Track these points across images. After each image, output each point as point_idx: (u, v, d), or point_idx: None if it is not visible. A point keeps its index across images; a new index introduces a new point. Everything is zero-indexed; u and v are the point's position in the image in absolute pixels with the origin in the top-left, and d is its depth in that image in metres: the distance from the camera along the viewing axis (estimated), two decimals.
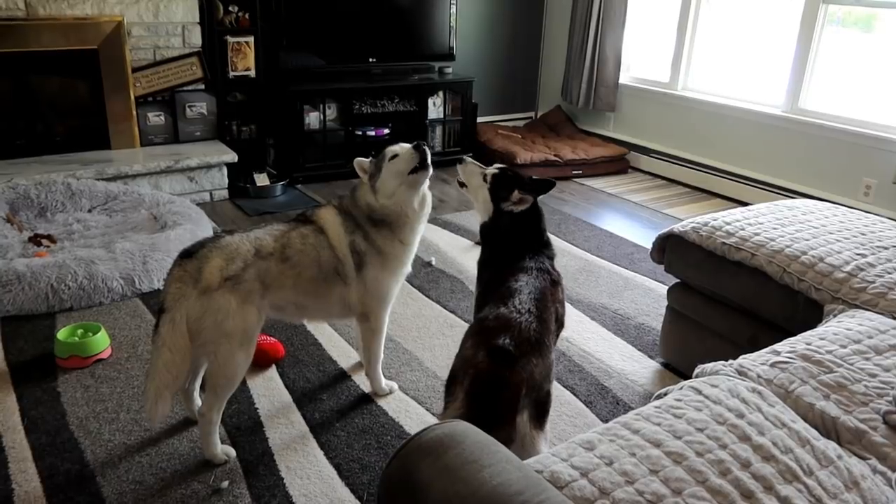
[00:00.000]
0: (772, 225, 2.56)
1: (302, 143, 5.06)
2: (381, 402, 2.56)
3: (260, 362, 2.73)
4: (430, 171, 2.36)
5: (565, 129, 6.13)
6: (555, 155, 5.43)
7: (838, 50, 4.58)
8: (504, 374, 1.70)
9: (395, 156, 2.35)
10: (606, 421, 2.48)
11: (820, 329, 1.94)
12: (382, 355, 2.58)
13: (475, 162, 2.34)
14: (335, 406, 2.54)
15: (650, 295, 3.50)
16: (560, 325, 2.02)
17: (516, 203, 2.18)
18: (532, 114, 6.60)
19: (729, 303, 2.52)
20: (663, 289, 3.51)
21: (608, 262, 3.89)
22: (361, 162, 2.44)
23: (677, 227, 2.66)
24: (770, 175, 4.82)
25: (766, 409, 1.51)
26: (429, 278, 3.61)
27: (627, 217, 4.71)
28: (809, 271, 2.26)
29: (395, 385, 2.64)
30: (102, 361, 2.74)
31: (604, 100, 5.85)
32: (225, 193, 4.72)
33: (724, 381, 1.63)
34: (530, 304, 1.87)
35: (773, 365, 1.73)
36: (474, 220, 4.55)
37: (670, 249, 2.70)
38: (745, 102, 4.99)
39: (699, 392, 1.58)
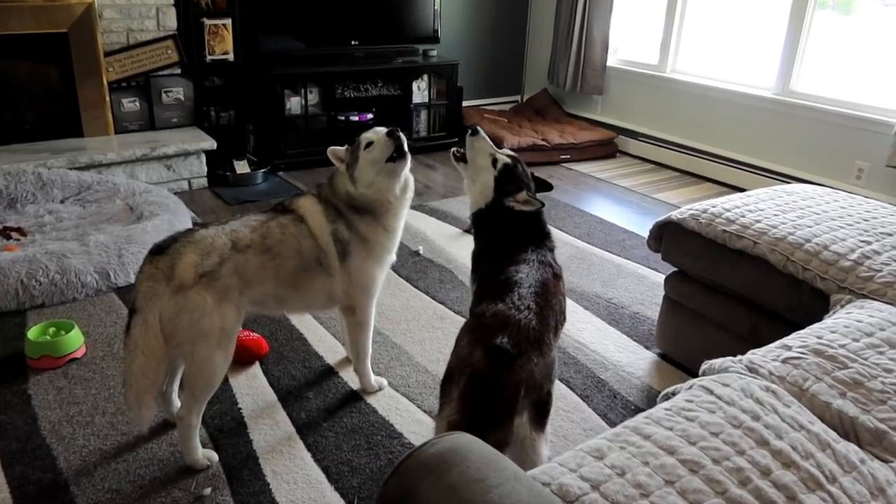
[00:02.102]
0: (773, 212, 2.48)
1: (283, 129, 4.91)
2: (371, 400, 2.46)
3: (243, 359, 2.62)
4: (408, 159, 2.25)
5: (552, 113, 6.02)
6: (542, 139, 5.32)
7: (829, 32, 4.50)
8: (502, 374, 1.60)
9: (370, 143, 2.24)
10: (605, 416, 2.41)
11: (829, 321, 1.86)
12: (371, 350, 2.48)
13: (487, 137, 2.19)
14: (322, 405, 2.43)
15: (644, 283, 3.42)
16: (562, 319, 1.92)
17: (521, 204, 2.07)
18: (518, 97, 6.48)
19: (729, 292, 2.43)
20: (657, 276, 3.44)
21: (600, 250, 3.80)
22: (336, 151, 2.33)
23: (675, 215, 2.57)
24: (761, 159, 4.75)
25: (782, 409, 1.43)
26: (417, 268, 3.50)
27: (617, 202, 4.62)
28: (814, 259, 2.18)
29: (384, 381, 2.54)
30: (76, 361, 2.61)
31: (591, 83, 5.74)
32: (204, 182, 4.57)
33: (735, 379, 1.54)
34: (530, 300, 1.76)
35: (784, 361, 1.64)
36: (461, 206, 4.46)
37: (668, 237, 2.61)
38: (735, 85, 4.91)
39: (710, 392, 1.49)
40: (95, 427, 2.27)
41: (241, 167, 4.70)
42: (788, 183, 4.51)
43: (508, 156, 2.16)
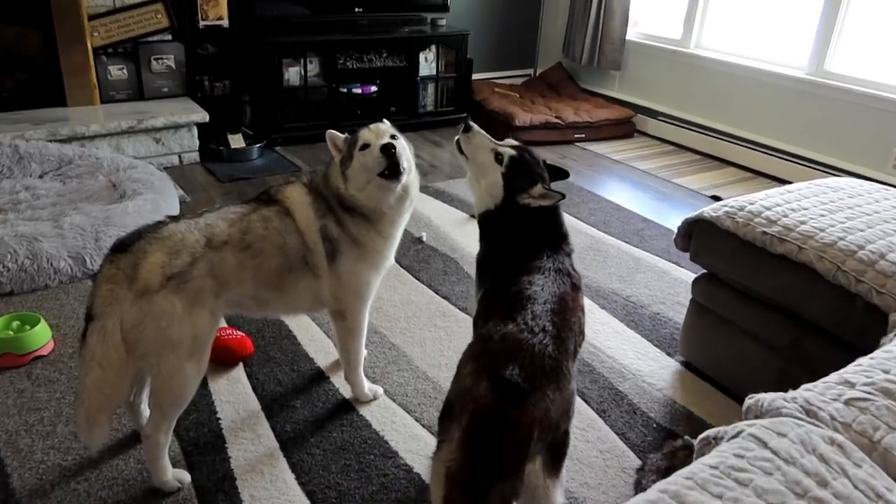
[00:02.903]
0: (818, 211, 2.20)
1: (281, 101, 4.61)
2: (364, 411, 2.22)
3: (225, 360, 2.38)
4: (404, 179, 1.96)
5: (566, 89, 5.70)
6: (556, 117, 5.02)
7: (870, 8, 4.15)
8: (511, 414, 1.35)
9: (366, 146, 1.96)
10: (623, 435, 2.18)
11: (894, 349, 1.60)
12: (364, 354, 2.23)
13: (483, 132, 1.93)
14: (310, 415, 2.19)
15: (664, 279, 3.16)
16: (580, 339, 1.66)
17: (538, 199, 1.80)
18: (531, 71, 6.15)
19: (767, 301, 2.17)
20: (678, 272, 3.18)
21: (617, 240, 3.53)
22: (335, 137, 2.05)
23: (708, 211, 2.29)
24: (789, 143, 4.44)
25: (853, 471, 1.18)
26: (419, 257, 3.25)
27: (635, 187, 4.34)
28: (869, 270, 1.91)
29: (379, 390, 2.30)
30: (42, 359, 2.38)
31: (609, 57, 5.41)
32: (195, 156, 4.30)
33: (791, 426, 1.29)
34: (546, 319, 1.51)
35: (848, 402, 1.39)
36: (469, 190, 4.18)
37: (698, 236, 2.34)
38: (764, 63, 4.57)
39: (764, 444, 1.23)
40: (57, 438, 2.04)
41: (236, 141, 4.43)
42: (818, 170, 4.23)
43: (513, 147, 1.88)
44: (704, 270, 2.42)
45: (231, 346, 2.38)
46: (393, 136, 1.98)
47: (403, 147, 1.98)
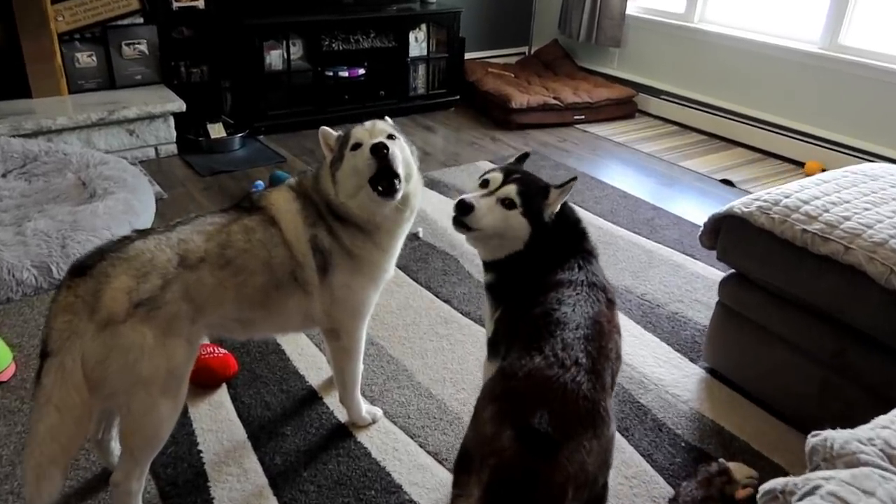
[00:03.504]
0: (861, 204, 1.99)
1: (263, 87, 4.33)
2: (362, 437, 2.01)
3: (206, 382, 2.15)
4: (399, 194, 1.69)
5: (563, 68, 5.44)
6: (554, 98, 4.77)
7: None
8: (541, 471, 1.13)
9: (357, 145, 1.72)
10: (650, 456, 1.98)
11: None
12: (360, 375, 2.01)
13: (473, 195, 1.59)
14: (302, 444, 1.97)
15: (679, 273, 2.94)
16: (618, 367, 1.45)
17: (555, 202, 1.60)
18: (525, 49, 5.88)
19: (807, 306, 1.96)
20: (694, 265, 2.97)
21: (626, 231, 3.31)
22: (327, 135, 1.81)
23: (739, 206, 2.07)
24: (801, 122, 4.21)
25: None
26: (416, 255, 3.02)
27: (640, 171, 4.11)
28: None
29: (378, 412, 2.08)
30: (2, 386, 2.14)
31: (608, 33, 5.15)
32: (173, 148, 4.02)
33: (878, 481, 1.08)
34: (580, 349, 1.29)
35: None
36: (466, 176, 3.96)
37: (727, 233, 2.12)
38: (773, 37, 4.33)
39: None
40: (17, 481, 1.81)
41: (216, 131, 4.16)
42: (832, 150, 4.01)
43: (503, 177, 1.60)
44: (732, 270, 2.20)
45: (212, 366, 2.15)
46: (391, 136, 1.73)
47: (402, 148, 1.73)
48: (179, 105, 3.92)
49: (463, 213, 1.55)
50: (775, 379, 2.11)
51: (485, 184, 1.63)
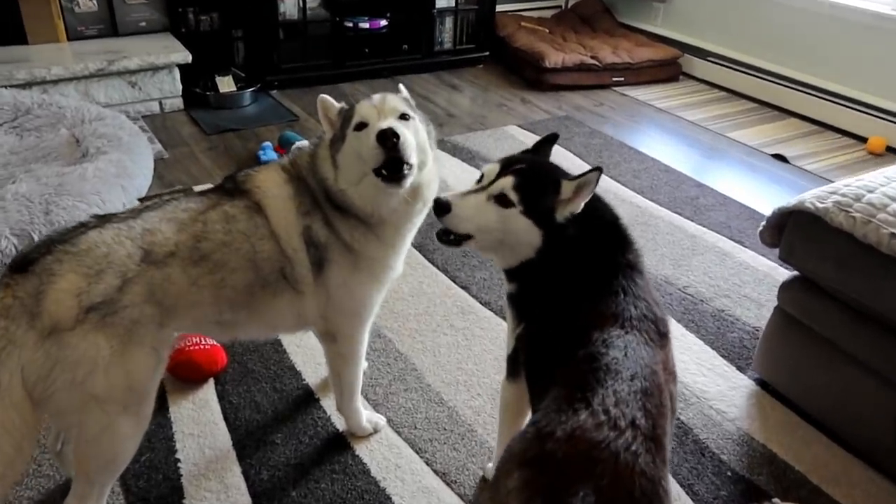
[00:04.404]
0: None
1: (277, 38, 4.01)
2: (361, 449, 1.77)
3: (191, 377, 1.93)
4: (408, 182, 1.41)
5: (602, 23, 5.03)
6: (591, 57, 4.38)
7: None
8: None
9: (362, 125, 1.42)
10: (690, 487, 1.72)
11: None
12: (364, 368, 1.76)
13: (459, 192, 1.33)
14: (293, 456, 1.74)
15: (726, 263, 2.63)
16: (673, 416, 1.18)
17: (576, 198, 1.28)
18: (562, 1, 5.44)
19: (889, 323, 1.65)
20: (742, 253, 2.67)
21: (667, 210, 2.99)
22: (328, 104, 1.53)
23: (811, 201, 1.75)
24: (865, 92, 3.79)
25: None
26: (432, 231, 2.72)
27: (683, 141, 3.75)
28: None
29: (381, 421, 1.83)
30: None
31: None
32: (179, 102, 3.75)
33: None
34: (636, 406, 1.01)
35: None
36: (492, 142, 3.64)
37: (795, 230, 1.81)
38: None
39: None
40: None
41: (225, 84, 3.86)
42: None
43: (500, 171, 1.32)
44: (796, 272, 1.90)
45: (197, 359, 1.92)
46: (404, 117, 1.44)
47: (416, 130, 1.44)
48: (185, 56, 3.63)
49: (439, 213, 1.28)
50: (841, 402, 1.82)
51: (481, 179, 1.34)
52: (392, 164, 1.36)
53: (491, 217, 1.28)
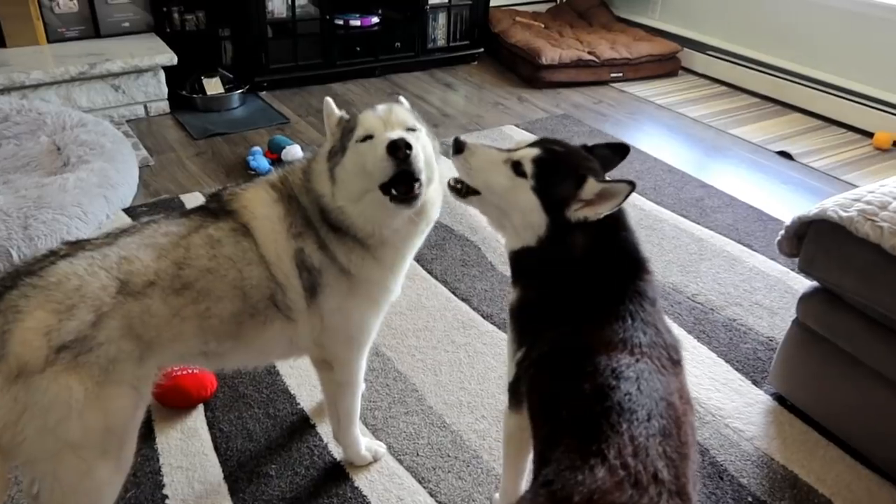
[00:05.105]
0: None
1: (265, 37, 3.88)
2: (360, 480, 1.67)
3: (179, 404, 1.82)
4: (420, 201, 1.31)
5: (599, 18, 4.92)
6: (589, 52, 4.28)
7: None
8: None
9: (367, 137, 1.31)
10: None
11: None
12: (362, 389, 1.66)
13: (481, 143, 1.28)
14: (288, 489, 1.64)
15: (735, 268, 2.54)
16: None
17: (598, 204, 1.17)
18: None
19: None
20: (751, 258, 2.59)
21: (672, 213, 2.89)
22: (331, 110, 1.42)
23: (834, 208, 1.65)
24: (871, 86, 3.70)
25: None
26: (430, 241, 2.62)
27: (685, 139, 3.66)
28: None
29: (380, 448, 1.73)
30: None
31: None
32: (164, 106, 3.62)
33: None
34: (657, 453, 0.92)
35: None
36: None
37: (816, 241, 1.71)
38: None
39: None
40: None
41: (213, 86, 3.74)
42: None
43: (534, 145, 1.26)
44: (816, 284, 1.80)
45: (186, 385, 1.81)
46: (411, 129, 1.33)
47: (424, 145, 1.33)
48: (170, 57, 3.50)
49: (455, 150, 1.25)
50: (865, 420, 1.73)
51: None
52: (402, 178, 1.26)
53: (501, 179, 1.22)
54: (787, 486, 1.70)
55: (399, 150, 1.23)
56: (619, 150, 1.37)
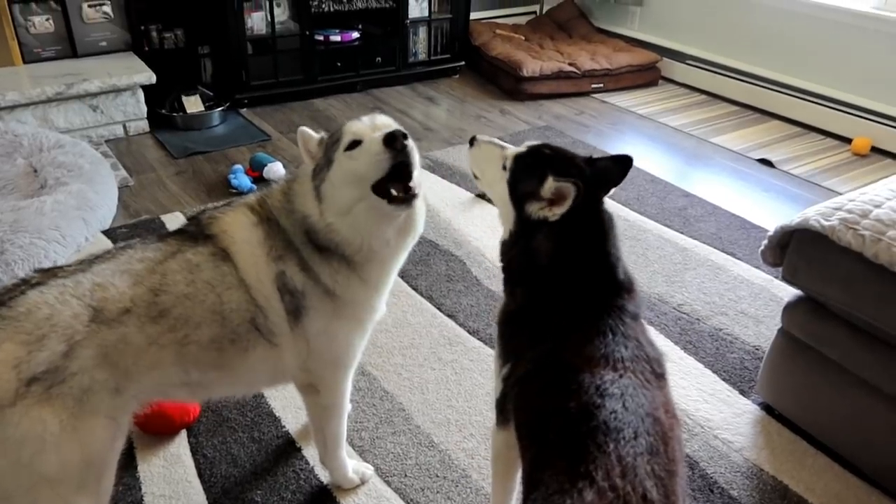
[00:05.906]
0: None
1: (245, 54, 3.86)
2: (348, 503, 1.64)
3: (162, 430, 1.78)
4: (416, 202, 1.34)
5: (579, 29, 4.95)
6: (570, 64, 4.29)
7: None
8: None
9: (355, 143, 1.30)
10: None
11: None
12: (348, 410, 1.64)
13: (492, 139, 1.39)
14: None
15: (720, 277, 2.54)
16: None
17: (550, 204, 1.19)
18: (537, 8, 5.36)
19: None
20: (736, 266, 2.59)
21: (655, 223, 2.89)
22: (308, 138, 1.40)
23: (816, 217, 1.66)
24: (849, 93, 3.74)
25: None
26: (414, 256, 2.61)
27: (667, 148, 3.67)
28: None
29: (368, 470, 1.70)
30: None
31: None
32: (144, 125, 3.59)
33: None
34: (645, 472, 0.91)
35: None
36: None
37: (799, 250, 1.71)
38: None
39: None
40: None
41: (193, 104, 3.71)
42: (885, 125, 3.56)
43: (527, 146, 1.32)
44: (800, 293, 1.80)
45: (168, 411, 1.77)
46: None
47: (413, 148, 1.32)
48: (149, 76, 3.47)
49: (470, 144, 1.42)
50: (852, 428, 1.73)
51: None
52: (398, 175, 1.26)
53: (492, 172, 1.33)
54: (778, 496, 1.69)
55: (396, 141, 1.25)
56: (622, 163, 1.36)
